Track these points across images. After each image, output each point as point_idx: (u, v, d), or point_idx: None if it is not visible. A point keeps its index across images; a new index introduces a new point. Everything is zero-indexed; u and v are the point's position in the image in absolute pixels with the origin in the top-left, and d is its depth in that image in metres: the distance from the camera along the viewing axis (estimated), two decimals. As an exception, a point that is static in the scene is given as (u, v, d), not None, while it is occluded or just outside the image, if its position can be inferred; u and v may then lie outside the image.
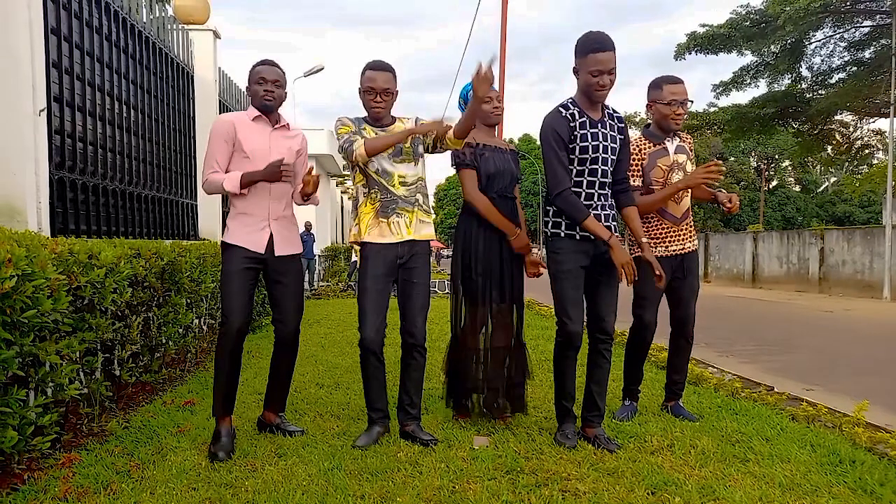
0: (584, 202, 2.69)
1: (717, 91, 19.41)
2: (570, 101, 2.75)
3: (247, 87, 2.81)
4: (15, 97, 3.34)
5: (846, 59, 18.02)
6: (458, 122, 2.73)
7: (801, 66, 18.29)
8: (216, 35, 6.98)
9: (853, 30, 17.46)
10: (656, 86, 3.16)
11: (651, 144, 3.18)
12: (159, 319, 3.78)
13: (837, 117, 20.00)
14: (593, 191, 2.71)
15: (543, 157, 2.71)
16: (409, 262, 2.84)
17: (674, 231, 3.18)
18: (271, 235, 2.79)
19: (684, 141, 3.27)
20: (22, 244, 2.19)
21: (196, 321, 4.70)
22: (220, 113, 7.42)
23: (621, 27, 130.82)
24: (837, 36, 17.67)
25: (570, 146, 2.69)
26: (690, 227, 3.24)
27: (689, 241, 3.21)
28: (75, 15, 4.25)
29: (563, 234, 2.73)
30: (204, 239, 6.56)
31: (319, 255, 15.05)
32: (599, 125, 2.71)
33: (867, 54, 17.47)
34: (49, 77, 3.82)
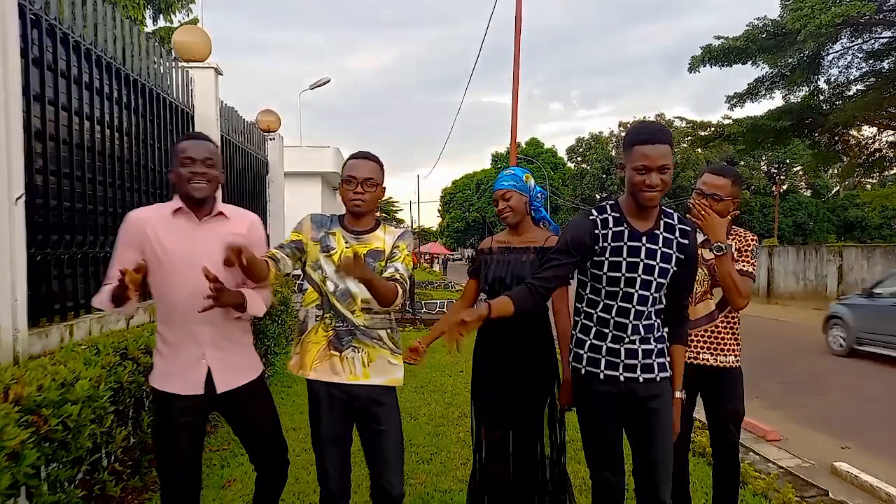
0: (615, 332, 2.15)
1: (732, 102, 19.05)
2: (610, 203, 2.21)
3: (169, 171, 2.15)
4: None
5: (864, 70, 17.62)
6: None
7: (818, 77, 17.90)
8: (217, 72, 6.65)
9: (872, 41, 17.05)
10: (703, 171, 2.83)
11: None
12: (150, 417, 3.44)
13: (854, 131, 19.55)
14: (626, 320, 2.14)
15: None
16: (371, 405, 2.31)
17: None
18: (210, 369, 2.19)
19: (732, 237, 2.76)
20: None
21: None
22: (223, 149, 7.07)
23: (632, 28, 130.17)
24: (855, 47, 17.29)
25: (597, 259, 2.15)
26: (715, 339, 2.72)
27: (708, 353, 2.72)
28: (62, 74, 3.91)
29: (582, 371, 2.21)
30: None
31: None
32: (645, 238, 2.13)
33: (886, 65, 17.06)
34: (31, 149, 3.48)
